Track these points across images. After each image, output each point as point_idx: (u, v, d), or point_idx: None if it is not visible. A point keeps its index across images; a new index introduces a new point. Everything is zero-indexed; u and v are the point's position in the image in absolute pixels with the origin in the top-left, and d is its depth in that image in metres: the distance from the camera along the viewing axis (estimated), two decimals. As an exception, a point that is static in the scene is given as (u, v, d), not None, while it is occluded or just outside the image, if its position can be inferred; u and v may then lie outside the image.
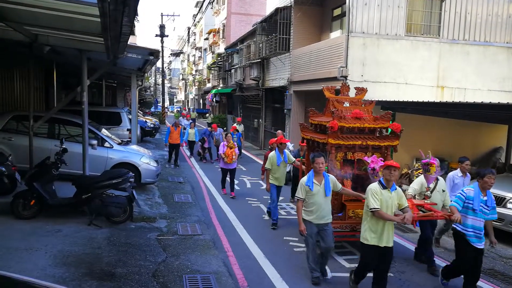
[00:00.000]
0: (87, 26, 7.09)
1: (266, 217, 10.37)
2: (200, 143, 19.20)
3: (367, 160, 7.45)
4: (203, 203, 11.46)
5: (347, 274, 6.84)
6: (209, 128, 19.24)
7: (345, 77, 13.98)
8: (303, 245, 8.23)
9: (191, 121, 22.07)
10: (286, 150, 10.10)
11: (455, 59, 14.88)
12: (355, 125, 7.87)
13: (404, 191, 6.98)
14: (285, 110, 20.07)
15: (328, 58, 15.45)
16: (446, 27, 14.82)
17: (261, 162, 19.43)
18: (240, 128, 21.14)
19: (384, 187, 5.88)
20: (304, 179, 6.62)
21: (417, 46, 14.59)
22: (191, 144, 19.59)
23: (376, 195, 5.80)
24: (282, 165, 9.90)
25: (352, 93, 9.03)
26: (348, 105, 8.46)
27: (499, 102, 9.05)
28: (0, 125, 11.00)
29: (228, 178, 12.49)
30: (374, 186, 5.94)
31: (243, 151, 20.04)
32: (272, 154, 9.89)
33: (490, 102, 9.44)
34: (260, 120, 25.11)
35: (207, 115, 36.52)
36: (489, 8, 14.97)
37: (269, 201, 10.13)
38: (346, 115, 8.03)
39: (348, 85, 8.87)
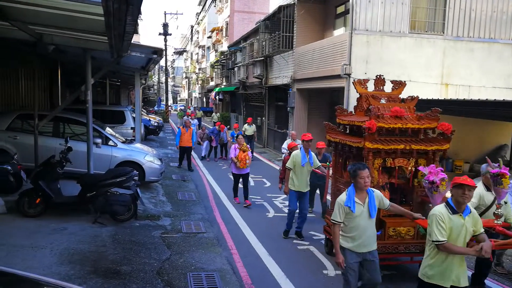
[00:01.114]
0: (91, 25, 7.12)
1: (270, 214, 10.38)
2: (200, 131, 18.77)
3: (424, 170, 6.01)
4: (207, 201, 11.49)
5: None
6: (216, 127, 19.04)
7: (349, 74, 13.98)
8: (307, 243, 8.27)
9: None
10: (312, 152, 8.85)
11: (460, 56, 14.85)
12: (396, 125, 6.56)
13: None
14: (288, 108, 20.07)
15: (331, 55, 15.44)
16: (451, 24, 14.78)
17: (265, 160, 19.47)
18: (251, 129, 20.37)
19: (454, 211, 4.48)
20: (342, 198, 5.24)
21: (421, 43, 14.56)
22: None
23: (442, 223, 4.43)
24: (307, 167, 8.58)
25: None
26: (384, 101, 7.17)
27: (504, 100, 9.05)
28: (5, 124, 11.06)
29: (240, 185, 11.35)
30: (440, 211, 4.51)
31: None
32: (297, 153, 8.60)
33: (495, 99, 9.44)
34: (263, 118, 25.12)
35: (213, 114, 35.52)
36: (494, 4, 14.91)
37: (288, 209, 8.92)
38: (384, 114, 6.69)
39: (384, 78, 7.42)
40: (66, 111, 11.39)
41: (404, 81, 7.48)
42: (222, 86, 38.00)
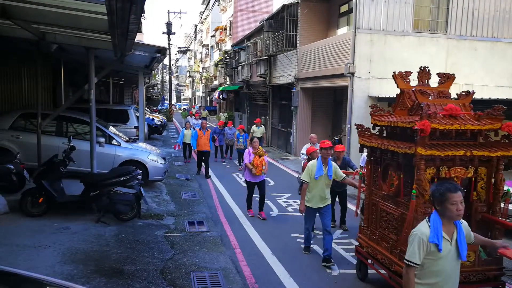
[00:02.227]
0: (94, 24, 7.12)
1: (273, 213, 10.36)
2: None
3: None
4: (211, 200, 11.48)
5: (354, 271, 6.84)
6: (218, 127, 18.34)
7: (352, 73, 13.95)
8: (311, 242, 8.23)
9: (187, 120, 19.52)
10: (333, 162, 7.66)
11: (463, 55, 14.80)
12: (453, 126, 5.30)
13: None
14: (292, 107, 20.05)
15: (335, 54, 15.41)
16: (454, 23, 14.73)
17: (269, 159, 19.34)
18: (260, 130, 18.71)
19: None
20: (423, 230, 3.74)
21: (424, 42, 14.51)
22: (186, 147, 17.23)
23: None
24: (323, 180, 7.42)
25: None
26: (431, 98, 5.85)
27: (507, 98, 9.00)
28: (8, 123, 11.08)
29: (254, 194, 10.24)
30: None
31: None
32: (313, 163, 7.52)
33: (498, 98, 9.39)
34: (267, 117, 25.09)
35: (221, 114, 33.78)
36: (496, 3, 14.85)
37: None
38: (437, 113, 5.39)
39: (429, 70, 6.15)
40: (69, 110, 11.40)
41: (453, 74, 6.25)
42: (226, 85, 38.01)
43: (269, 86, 24.09)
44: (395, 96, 6.44)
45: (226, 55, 38.15)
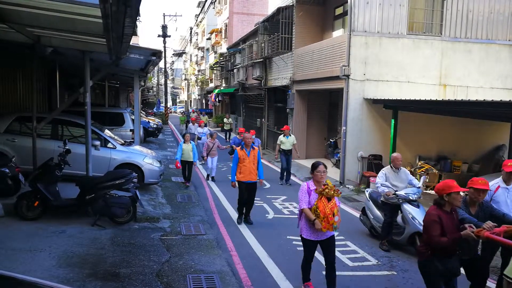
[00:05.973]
0: (90, 27, 7.12)
1: (269, 216, 10.37)
2: (208, 140, 14.59)
3: None
4: (206, 203, 11.47)
5: (350, 273, 6.86)
6: (237, 136, 15.61)
7: (347, 76, 13.99)
8: (306, 244, 8.24)
9: (187, 132, 16.33)
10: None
11: (458, 57, 14.87)
12: None
13: None
14: (287, 110, 20.08)
15: (330, 57, 15.45)
16: (448, 25, 14.81)
17: (265, 162, 18.86)
18: (290, 141, 14.69)
19: None
20: None
21: (419, 45, 14.58)
22: (185, 166, 13.31)
23: None
24: None
25: None
26: None
27: (501, 100, 9.04)
28: (3, 126, 11.04)
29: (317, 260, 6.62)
30: None
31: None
32: None
33: (493, 100, 9.44)
34: (263, 120, 25.10)
35: (225, 119, 29.97)
36: (491, 5, 14.94)
37: None
38: None
39: None
40: (65, 113, 11.38)
41: None
42: (222, 88, 38.01)
43: (264, 89, 24.12)
44: (390, 98, 6.44)
45: (221, 58, 38.18)
